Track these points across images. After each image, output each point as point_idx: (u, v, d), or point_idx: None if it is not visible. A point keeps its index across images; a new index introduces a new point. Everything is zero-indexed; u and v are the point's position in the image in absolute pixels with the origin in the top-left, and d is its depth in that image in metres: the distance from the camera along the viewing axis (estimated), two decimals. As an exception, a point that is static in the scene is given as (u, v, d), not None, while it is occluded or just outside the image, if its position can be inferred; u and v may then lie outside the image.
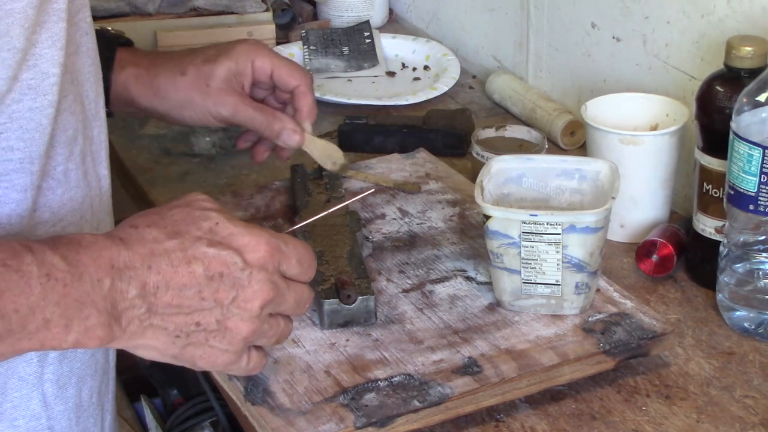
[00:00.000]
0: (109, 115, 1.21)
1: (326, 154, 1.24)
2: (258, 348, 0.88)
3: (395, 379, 0.99)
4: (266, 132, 1.20)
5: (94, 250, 0.78)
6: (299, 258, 0.86)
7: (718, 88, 1.13)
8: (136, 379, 1.69)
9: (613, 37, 1.43)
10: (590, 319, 1.06)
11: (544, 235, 1.04)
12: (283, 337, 0.88)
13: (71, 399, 0.91)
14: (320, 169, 1.29)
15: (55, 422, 0.90)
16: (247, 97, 1.21)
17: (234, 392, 0.99)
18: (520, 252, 1.05)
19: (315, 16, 1.97)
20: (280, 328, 0.87)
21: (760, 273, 1.09)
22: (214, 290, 0.81)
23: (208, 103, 1.19)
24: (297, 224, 1.05)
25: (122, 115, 1.24)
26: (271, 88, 1.24)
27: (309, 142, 1.22)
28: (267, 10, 1.85)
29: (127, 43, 1.24)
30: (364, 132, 1.50)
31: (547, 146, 1.36)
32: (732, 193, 1.07)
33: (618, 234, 1.27)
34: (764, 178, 1.04)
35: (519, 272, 1.06)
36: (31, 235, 0.84)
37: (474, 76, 1.75)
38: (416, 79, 1.73)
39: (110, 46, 1.20)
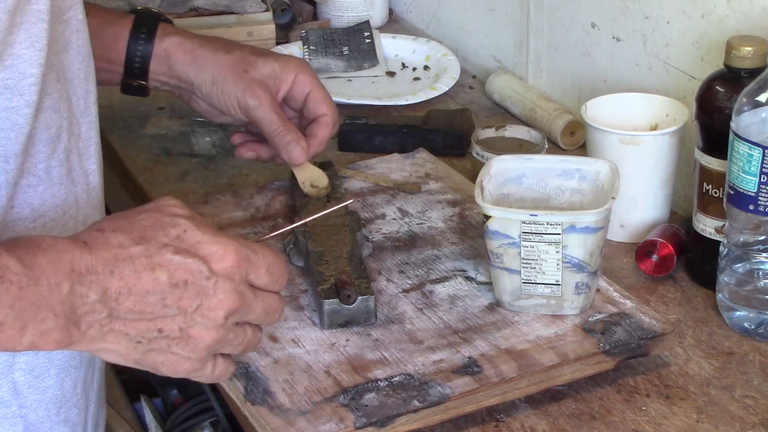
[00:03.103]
0: (142, 90, 1.23)
1: (311, 178, 1.24)
2: (225, 356, 0.87)
3: (395, 379, 0.99)
4: (276, 137, 1.20)
5: (53, 253, 0.77)
6: (269, 268, 0.85)
7: (718, 88, 1.13)
8: (136, 379, 1.69)
9: (613, 37, 1.43)
10: (590, 319, 1.06)
11: (544, 235, 1.04)
12: (251, 345, 0.87)
13: (50, 389, 0.91)
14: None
15: (29, 411, 0.90)
16: (275, 100, 1.21)
17: (234, 392, 0.99)
18: (520, 252, 1.05)
19: (315, 16, 1.97)
20: (246, 337, 0.86)
21: (760, 273, 1.09)
22: (177, 298, 0.80)
23: (239, 86, 1.19)
24: (269, 234, 1.06)
25: (156, 91, 1.25)
26: (298, 112, 1.25)
27: (301, 167, 1.24)
28: (267, 10, 1.85)
29: (168, 21, 1.25)
30: (364, 132, 1.50)
31: (547, 146, 1.36)
32: (732, 193, 1.07)
33: (618, 234, 1.27)
34: (764, 178, 1.04)
35: (519, 272, 1.06)
36: (9, 232, 0.84)
37: (474, 76, 1.75)
38: (416, 79, 1.73)
39: (153, 19, 1.21)
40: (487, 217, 1.05)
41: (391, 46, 1.82)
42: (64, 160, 0.88)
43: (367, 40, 1.81)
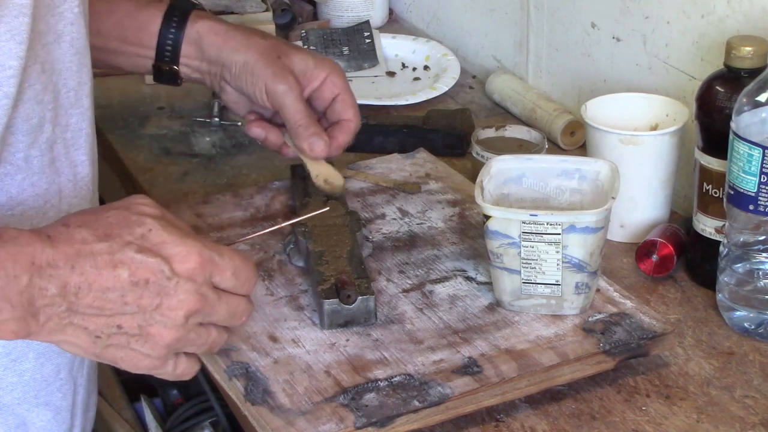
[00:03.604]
0: (174, 77, 1.21)
1: (325, 174, 1.22)
2: (189, 354, 0.87)
3: (395, 379, 0.99)
4: (300, 127, 1.17)
5: (14, 246, 0.78)
6: (235, 271, 0.85)
7: (718, 88, 1.13)
8: (136, 379, 1.69)
9: (613, 37, 1.43)
10: (590, 319, 1.06)
11: (544, 235, 1.04)
12: (215, 346, 0.87)
13: (28, 372, 0.93)
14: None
15: (4, 392, 0.92)
16: (303, 92, 1.19)
17: (234, 392, 0.99)
18: (520, 252, 1.05)
19: (315, 16, 1.97)
20: (210, 338, 0.86)
21: (760, 273, 1.09)
22: (137, 296, 0.81)
23: (270, 71, 1.17)
24: (241, 238, 1.06)
25: (187, 79, 1.23)
26: (322, 114, 1.23)
27: (315, 162, 1.21)
28: (267, 10, 1.85)
29: (202, 9, 1.25)
30: (364, 132, 1.49)
31: (547, 146, 1.36)
32: (732, 193, 1.07)
33: (618, 234, 1.27)
34: (764, 178, 1.04)
35: (519, 272, 1.06)
36: None
37: (474, 76, 1.75)
38: (416, 79, 1.73)
39: (187, 6, 1.21)
40: (487, 217, 1.05)
41: (391, 46, 1.82)
42: (47, 150, 0.89)
43: (367, 40, 1.81)
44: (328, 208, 1.11)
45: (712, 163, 1.14)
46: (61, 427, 0.98)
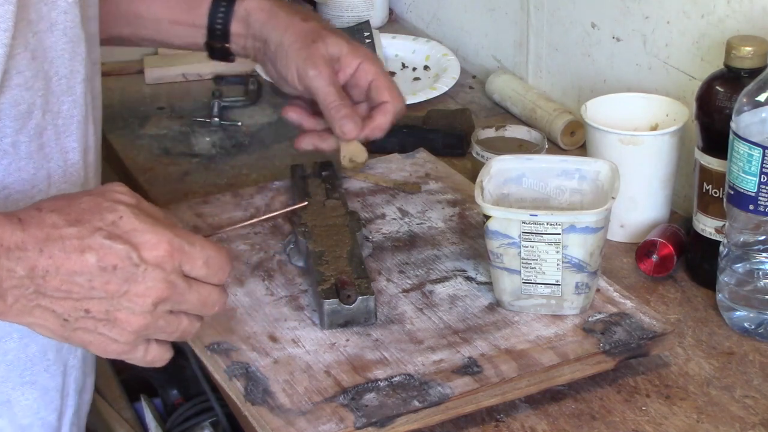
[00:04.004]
0: (226, 54, 1.25)
1: (351, 152, 1.23)
2: (161, 342, 0.87)
3: (395, 379, 0.99)
4: (331, 110, 1.18)
5: None
6: (206, 260, 0.85)
7: (718, 88, 1.13)
8: (136, 379, 1.69)
9: (613, 37, 1.43)
10: (590, 319, 1.06)
11: (544, 235, 1.04)
12: (186, 334, 0.87)
13: (12, 352, 0.95)
14: (320, 170, 1.29)
15: None
16: (336, 76, 1.20)
17: (234, 392, 0.99)
18: (520, 252, 1.05)
19: (315, 16, 1.97)
20: (181, 326, 0.86)
21: (760, 273, 1.09)
22: (105, 281, 0.81)
23: (302, 54, 1.19)
24: (221, 230, 1.06)
25: (237, 56, 1.26)
26: (360, 102, 1.24)
27: (347, 143, 1.22)
28: (267, 10, 1.85)
29: None
30: (364, 132, 1.50)
31: (547, 146, 1.36)
32: (732, 193, 1.07)
33: (618, 234, 1.27)
34: (764, 178, 1.04)
35: (519, 272, 1.06)
36: None
37: (474, 76, 1.75)
38: (416, 79, 1.73)
39: None
40: (487, 217, 1.05)
41: (391, 46, 1.82)
42: (36, 136, 0.91)
43: (367, 40, 1.81)
44: (306, 203, 1.12)
45: (712, 163, 1.14)
46: (50, 407, 1.00)
